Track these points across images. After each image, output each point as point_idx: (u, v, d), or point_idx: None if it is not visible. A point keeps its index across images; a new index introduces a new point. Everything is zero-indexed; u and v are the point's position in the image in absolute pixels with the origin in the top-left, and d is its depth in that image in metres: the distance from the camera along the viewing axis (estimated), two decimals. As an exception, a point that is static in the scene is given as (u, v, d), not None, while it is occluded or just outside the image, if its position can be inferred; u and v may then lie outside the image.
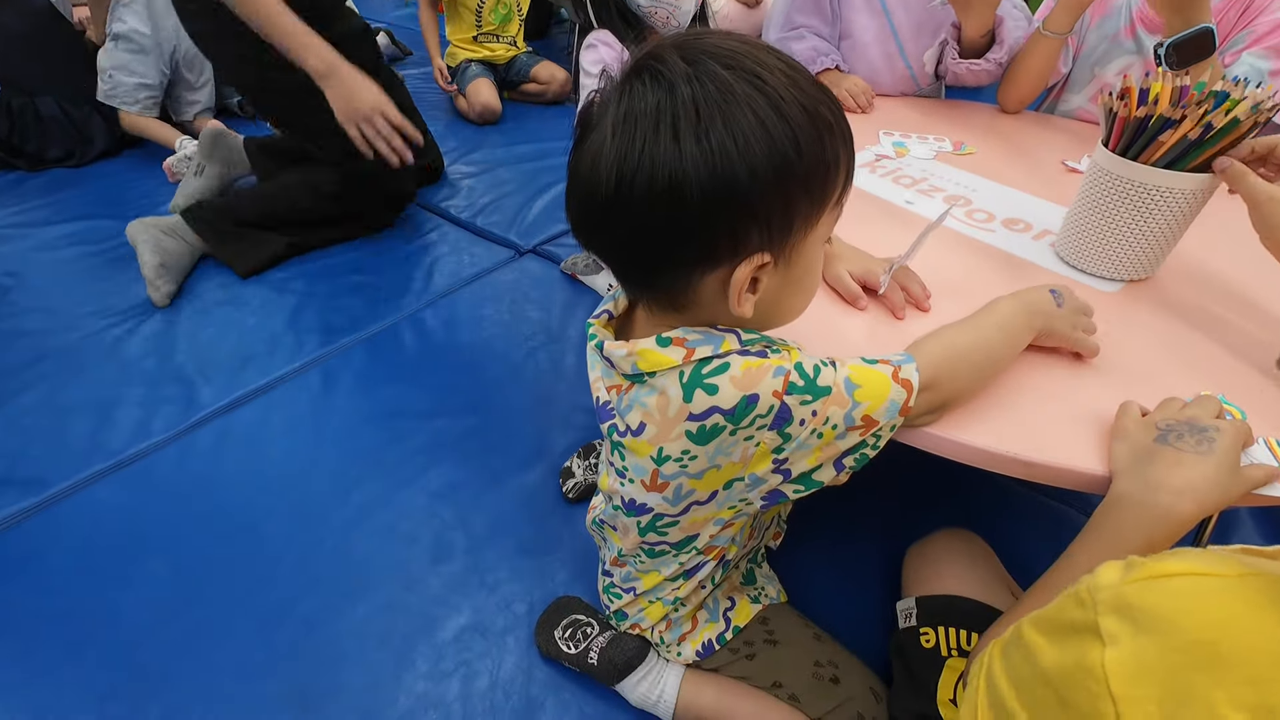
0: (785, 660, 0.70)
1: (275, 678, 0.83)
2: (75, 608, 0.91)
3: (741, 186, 0.42)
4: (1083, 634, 0.33)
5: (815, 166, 0.44)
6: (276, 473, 1.10)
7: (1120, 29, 1.16)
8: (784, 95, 0.42)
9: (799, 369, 0.48)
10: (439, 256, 1.67)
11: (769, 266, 0.46)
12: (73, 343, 1.38)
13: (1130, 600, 0.32)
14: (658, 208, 0.42)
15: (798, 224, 0.46)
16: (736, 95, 0.41)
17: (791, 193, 0.44)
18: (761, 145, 0.41)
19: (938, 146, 1.13)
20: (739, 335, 0.50)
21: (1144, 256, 0.76)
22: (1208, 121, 0.65)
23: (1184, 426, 0.51)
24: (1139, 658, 0.31)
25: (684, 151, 0.41)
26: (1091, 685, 0.32)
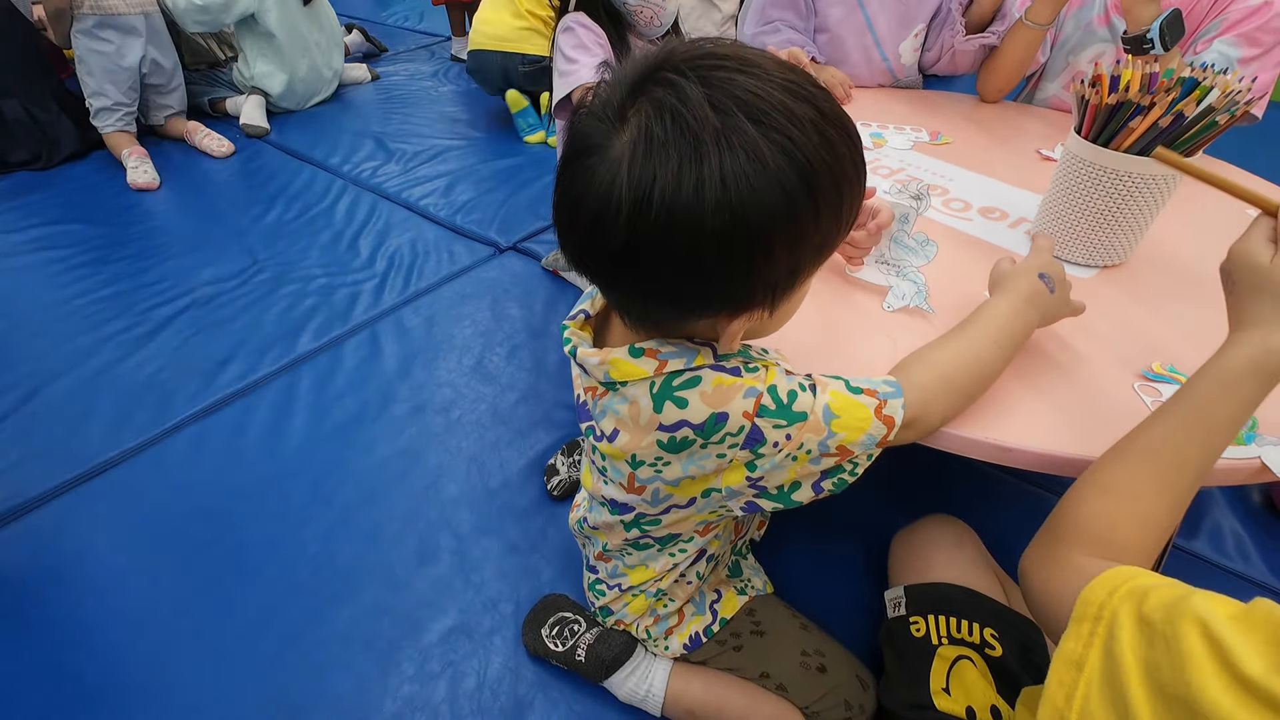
0: (773, 651, 0.70)
1: (258, 686, 0.81)
2: (49, 620, 0.89)
3: (759, 256, 0.40)
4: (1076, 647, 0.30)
5: (830, 229, 0.42)
6: (255, 477, 1.08)
7: (1094, 17, 1.17)
8: (813, 158, 0.38)
9: (772, 392, 0.46)
10: (419, 255, 1.65)
11: (763, 313, 0.45)
12: (41, 350, 1.35)
13: (1153, 615, 0.28)
14: (669, 256, 0.39)
15: (800, 279, 0.45)
16: (766, 160, 0.36)
17: (803, 257, 0.42)
18: (781, 221, 0.38)
19: (915, 137, 1.13)
20: (714, 349, 0.49)
21: (1117, 242, 0.77)
22: (1179, 110, 0.65)
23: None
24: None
25: (705, 207, 0.37)
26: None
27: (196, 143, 2.20)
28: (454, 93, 2.66)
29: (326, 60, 2.53)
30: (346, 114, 2.49)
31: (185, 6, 2.14)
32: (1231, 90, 0.67)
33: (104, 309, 1.47)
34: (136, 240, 1.73)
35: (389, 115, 2.46)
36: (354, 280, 1.56)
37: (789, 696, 0.69)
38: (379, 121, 2.41)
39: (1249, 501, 1.06)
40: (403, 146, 2.20)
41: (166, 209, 1.90)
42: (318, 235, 1.74)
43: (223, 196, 1.96)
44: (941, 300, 0.73)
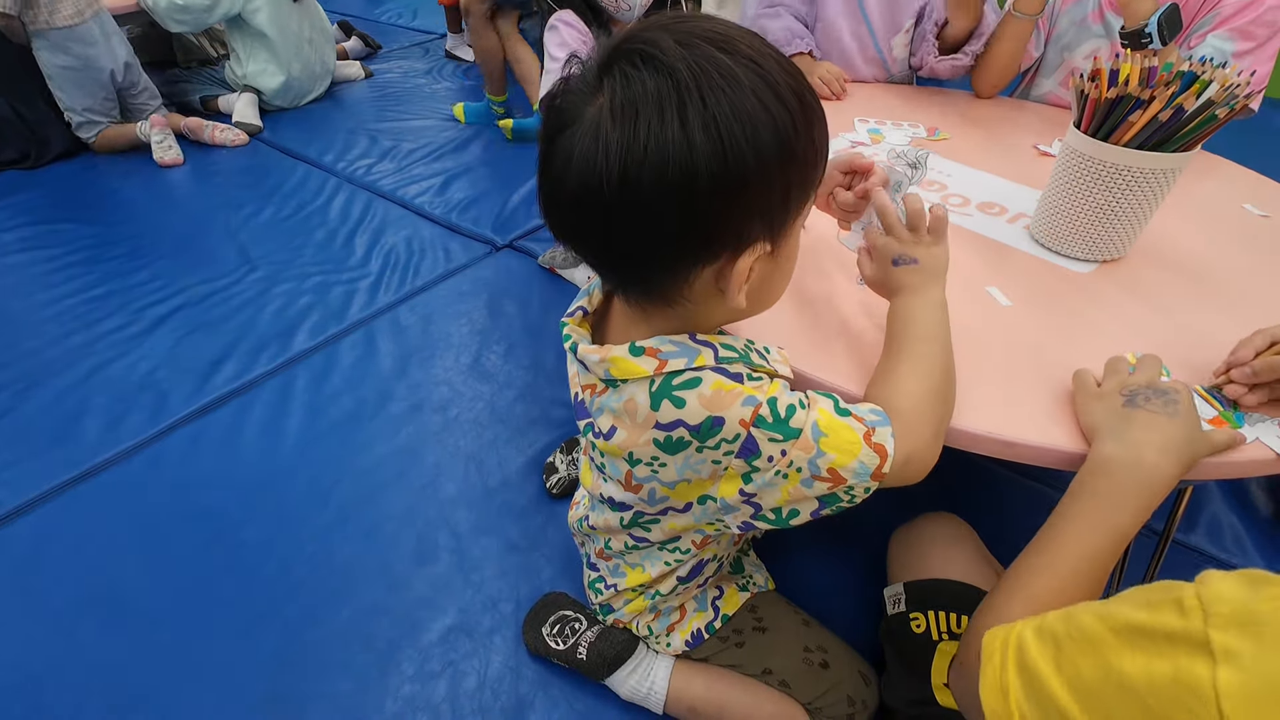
0: (775, 647, 0.70)
1: (257, 686, 0.81)
2: (51, 620, 0.88)
3: (751, 176, 0.40)
4: (1184, 646, 0.31)
5: (808, 150, 0.43)
6: (252, 477, 1.07)
7: (1088, 13, 1.17)
8: (780, 80, 0.40)
9: (772, 405, 0.46)
10: (414, 253, 1.64)
11: (765, 255, 0.45)
12: (34, 349, 1.34)
13: (1262, 617, 0.30)
14: (666, 201, 0.40)
15: (794, 209, 0.45)
16: (740, 80, 0.39)
17: (791, 179, 0.43)
18: (768, 132, 0.40)
19: (912, 133, 1.13)
20: (716, 351, 0.48)
21: (1116, 237, 0.77)
22: (1179, 104, 0.65)
23: (1148, 390, 0.52)
24: (1267, 679, 0.28)
25: (692, 141, 0.38)
26: (1194, 704, 0.30)
27: (206, 137, 2.19)
28: (449, 90, 2.65)
29: (319, 57, 2.51)
30: (340, 112, 2.48)
31: (166, 6, 2.12)
32: (1230, 84, 0.67)
33: (96, 308, 1.45)
34: (128, 239, 1.71)
35: (383, 113, 2.45)
36: (349, 278, 1.56)
37: (791, 693, 0.69)
38: (373, 119, 2.39)
39: (1246, 494, 1.07)
40: (398, 144, 2.18)
41: (158, 208, 1.88)
42: (312, 233, 1.73)
43: (215, 195, 1.95)
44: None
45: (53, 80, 1.99)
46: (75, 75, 1.99)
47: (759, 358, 0.51)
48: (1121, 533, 0.48)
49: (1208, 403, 0.58)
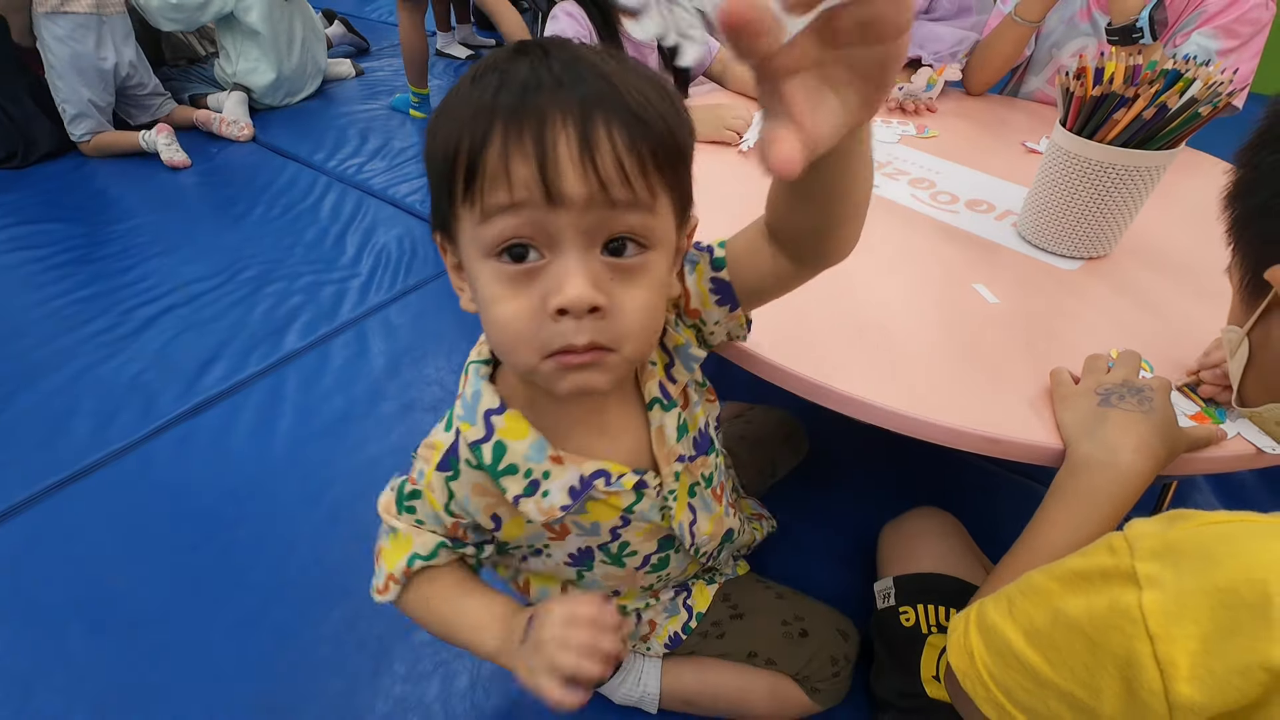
0: (754, 629, 0.71)
1: (248, 687, 0.81)
2: (40, 622, 0.88)
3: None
4: (1115, 579, 0.35)
5: (435, 154, 0.40)
6: (243, 478, 1.07)
7: (1076, 12, 1.18)
8: (459, 93, 0.41)
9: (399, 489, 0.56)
10: (406, 252, 1.64)
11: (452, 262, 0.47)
12: (21, 350, 1.33)
13: (1176, 545, 0.34)
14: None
15: (453, 210, 0.41)
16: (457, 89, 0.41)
17: (432, 177, 0.43)
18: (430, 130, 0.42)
19: (901, 130, 1.13)
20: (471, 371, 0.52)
21: (1101, 234, 0.77)
22: (1162, 102, 0.66)
23: (1123, 388, 0.53)
24: (1181, 598, 0.32)
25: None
26: (1127, 626, 0.33)
27: (216, 129, 2.20)
28: (439, 88, 2.64)
29: (310, 56, 2.50)
30: (330, 110, 2.47)
31: (159, 5, 2.11)
32: (1214, 82, 0.67)
33: (85, 309, 1.44)
34: (117, 239, 1.70)
35: (374, 111, 2.44)
36: (340, 278, 1.55)
37: (779, 668, 0.69)
38: (364, 118, 2.38)
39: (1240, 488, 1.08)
40: (388, 143, 2.18)
41: (147, 207, 1.86)
42: (302, 233, 1.73)
43: (205, 194, 1.94)
44: (928, 295, 0.73)
45: (53, 69, 1.97)
46: (78, 65, 1.97)
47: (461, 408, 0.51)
48: (1101, 529, 0.49)
49: (1190, 399, 0.59)
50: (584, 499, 0.50)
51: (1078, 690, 0.37)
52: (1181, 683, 0.32)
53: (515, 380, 0.50)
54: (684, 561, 0.63)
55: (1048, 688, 0.38)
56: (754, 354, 0.63)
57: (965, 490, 1.03)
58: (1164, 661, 0.32)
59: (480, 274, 0.40)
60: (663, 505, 0.55)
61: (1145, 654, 0.33)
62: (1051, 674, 0.38)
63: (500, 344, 0.42)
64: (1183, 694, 0.32)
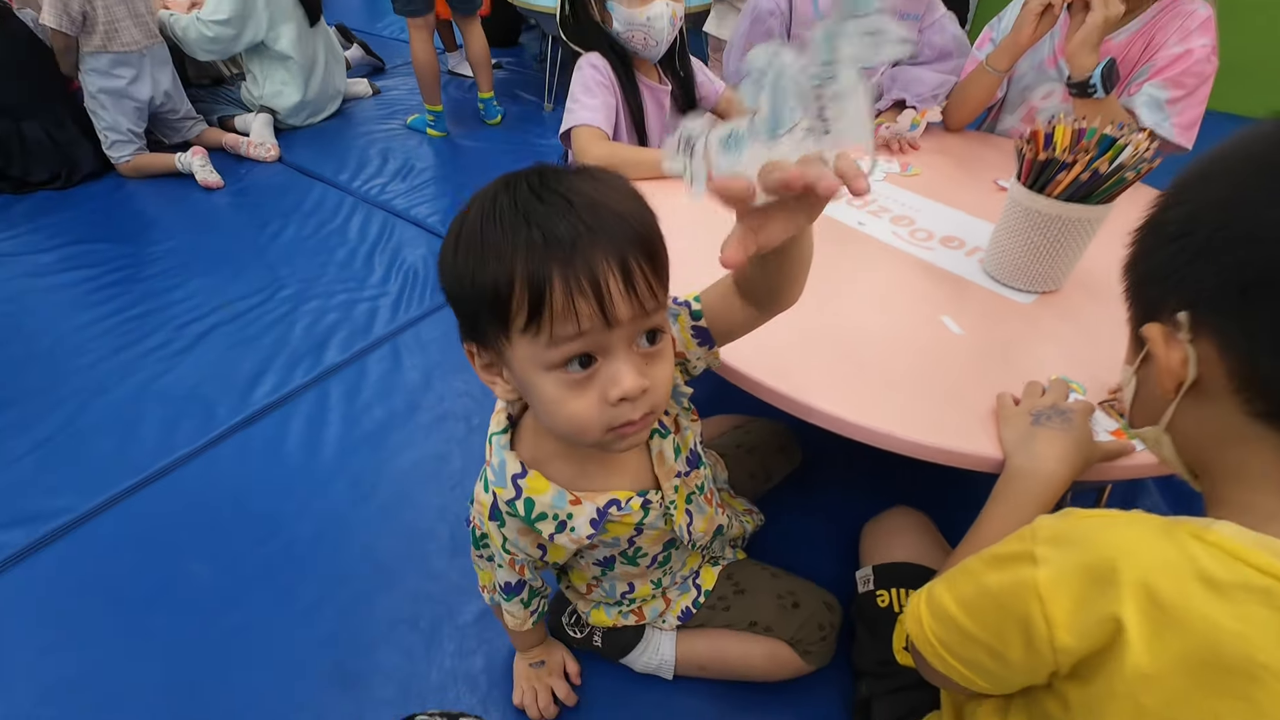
0: (754, 603, 0.84)
1: (318, 661, 0.94)
2: (128, 611, 1.01)
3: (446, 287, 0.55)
4: (1020, 561, 0.47)
5: (456, 287, 0.52)
6: (299, 480, 1.20)
7: (1044, 59, 1.31)
8: (459, 229, 0.52)
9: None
10: (431, 270, 1.77)
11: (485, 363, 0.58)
12: (85, 366, 1.46)
13: (1061, 534, 0.46)
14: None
15: (491, 334, 0.53)
16: (464, 214, 0.53)
17: (457, 307, 0.54)
18: (443, 265, 0.54)
19: (887, 168, 1.26)
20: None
21: (1052, 272, 0.90)
22: (1095, 168, 0.79)
23: (1051, 411, 0.66)
24: (1061, 572, 0.44)
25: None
26: (1026, 595, 0.45)
27: (245, 152, 2.33)
28: (452, 105, 2.76)
29: (331, 79, 2.63)
30: (351, 130, 2.60)
31: (196, 38, 2.25)
32: (1141, 148, 0.80)
33: (140, 325, 1.57)
34: (161, 259, 1.83)
35: (392, 130, 2.57)
36: (372, 295, 1.68)
37: (775, 634, 0.83)
38: (383, 137, 2.51)
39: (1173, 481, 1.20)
40: (409, 163, 2.31)
41: (186, 227, 1.99)
42: (334, 252, 1.86)
43: (239, 214, 2.07)
44: (902, 326, 0.86)
45: (95, 100, 2.12)
46: (116, 99, 2.11)
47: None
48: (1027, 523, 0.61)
49: (1111, 416, 0.72)
50: (604, 525, 0.64)
51: (993, 641, 0.49)
52: (1061, 632, 0.44)
53: (533, 443, 0.64)
54: (684, 555, 0.78)
55: (974, 641, 0.51)
56: (750, 377, 0.76)
57: (935, 491, 1.15)
58: (1049, 618, 0.45)
59: (542, 382, 0.50)
60: (665, 514, 0.69)
61: (1037, 613, 0.45)
62: (976, 631, 0.51)
63: (568, 432, 0.53)
64: (1062, 640, 0.44)
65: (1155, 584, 0.41)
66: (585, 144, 1.14)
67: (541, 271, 0.46)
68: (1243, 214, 0.40)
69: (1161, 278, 0.46)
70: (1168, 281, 0.45)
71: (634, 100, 1.20)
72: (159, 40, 2.19)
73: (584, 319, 0.47)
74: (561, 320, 0.47)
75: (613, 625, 0.85)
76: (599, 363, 0.50)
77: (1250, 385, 0.41)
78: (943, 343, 0.83)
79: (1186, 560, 0.41)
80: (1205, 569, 0.40)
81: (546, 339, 0.48)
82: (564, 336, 0.48)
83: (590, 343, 0.49)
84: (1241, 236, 0.40)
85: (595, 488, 0.64)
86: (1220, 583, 0.40)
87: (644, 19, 1.13)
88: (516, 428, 0.66)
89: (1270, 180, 0.40)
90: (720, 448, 1.02)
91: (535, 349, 0.49)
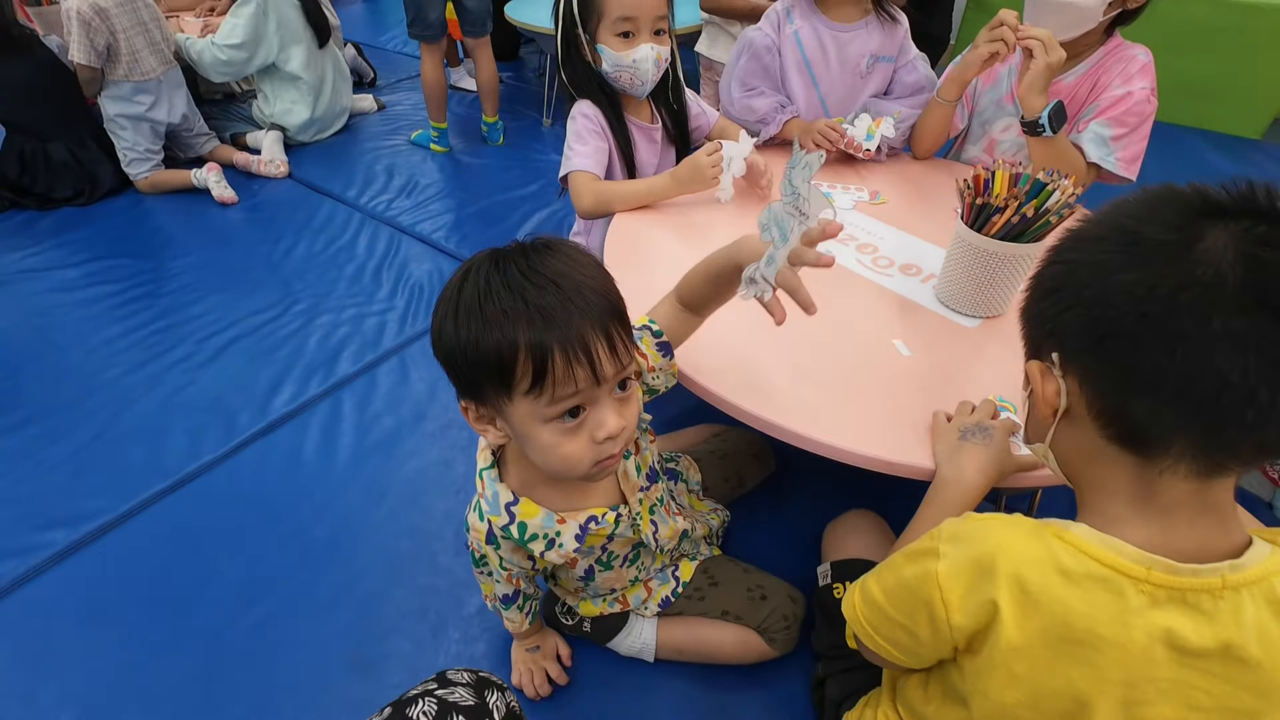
0: (726, 594, 0.96)
1: (339, 648, 1.04)
2: (164, 604, 1.11)
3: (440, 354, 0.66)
4: (927, 556, 0.58)
5: (455, 359, 0.62)
6: (316, 484, 1.31)
7: (1002, 95, 1.41)
8: (464, 303, 0.61)
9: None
10: (436, 286, 1.88)
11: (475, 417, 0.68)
12: (115, 378, 1.56)
13: (957, 532, 0.57)
14: None
15: (488, 397, 0.64)
16: (451, 290, 0.63)
17: (454, 373, 0.65)
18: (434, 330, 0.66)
19: (857, 196, 1.37)
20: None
21: (993, 300, 1.01)
22: (1023, 213, 0.90)
23: (975, 428, 0.77)
24: (956, 564, 0.54)
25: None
26: (928, 583, 0.56)
27: (256, 169, 2.44)
28: (455, 121, 2.87)
29: (338, 98, 2.74)
30: (357, 146, 2.70)
31: (210, 61, 2.36)
32: (1066, 194, 0.91)
33: (163, 339, 1.68)
34: (181, 274, 1.94)
35: (397, 146, 2.68)
36: (380, 309, 1.79)
37: (744, 622, 0.94)
38: (388, 153, 2.62)
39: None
40: (413, 180, 2.41)
41: (202, 243, 2.10)
42: (343, 268, 1.96)
43: (252, 230, 2.18)
44: (858, 348, 0.96)
45: (114, 122, 2.24)
46: (135, 122, 2.23)
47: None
48: None
49: None
50: (585, 539, 0.77)
51: (907, 622, 0.60)
52: (955, 613, 0.55)
53: (518, 473, 0.76)
54: (651, 555, 0.91)
55: (893, 623, 0.62)
56: (719, 395, 0.86)
57: (890, 496, 1.24)
58: (946, 603, 0.55)
59: (540, 433, 0.62)
60: (634, 524, 0.81)
61: (937, 598, 0.56)
62: (895, 614, 0.61)
63: (560, 469, 0.65)
64: (956, 620, 0.55)
65: (1024, 574, 0.52)
66: (579, 188, 1.25)
67: (544, 345, 0.57)
68: (1099, 278, 0.49)
69: (1041, 323, 0.56)
70: (1045, 327, 0.55)
71: (623, 141, 1.30)
72: (174, 65, 2.30)
73: (580, 381, 0.58)
74: (562, 384, 0.58)
75: (600, 613, 0.95)
76: (586, 411, 0.62)
77: (1103, 415, 0.51)
78: (891, 365, 0.94)
79: (1049, 555, 0.52)
80: (1062, 562, 0.51)
81: (548, 399, 0.59)
82: (563, 396, 0.59)
83: (583, 398, 0.60)
84: (1096, 298, 0.49)
85: (575, 507, 0.77)
86: (1072, 573, 0.51)
87: (630, 61, 1.23)
88: (500, 461, 0.78)
89: (1124, 250, 0.48)
90: (696, 454, 1.13)
91: (536, 407, 0.60)
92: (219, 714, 0.98)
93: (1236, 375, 0.43)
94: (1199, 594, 0.48)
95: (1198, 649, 0.48)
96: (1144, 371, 0.46)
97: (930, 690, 0.67)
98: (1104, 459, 0.53)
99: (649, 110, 1.38)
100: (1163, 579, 0.48)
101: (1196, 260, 0.44)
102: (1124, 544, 0.49)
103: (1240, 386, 0.43)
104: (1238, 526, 0.51)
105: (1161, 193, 0.49)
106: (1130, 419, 0.49)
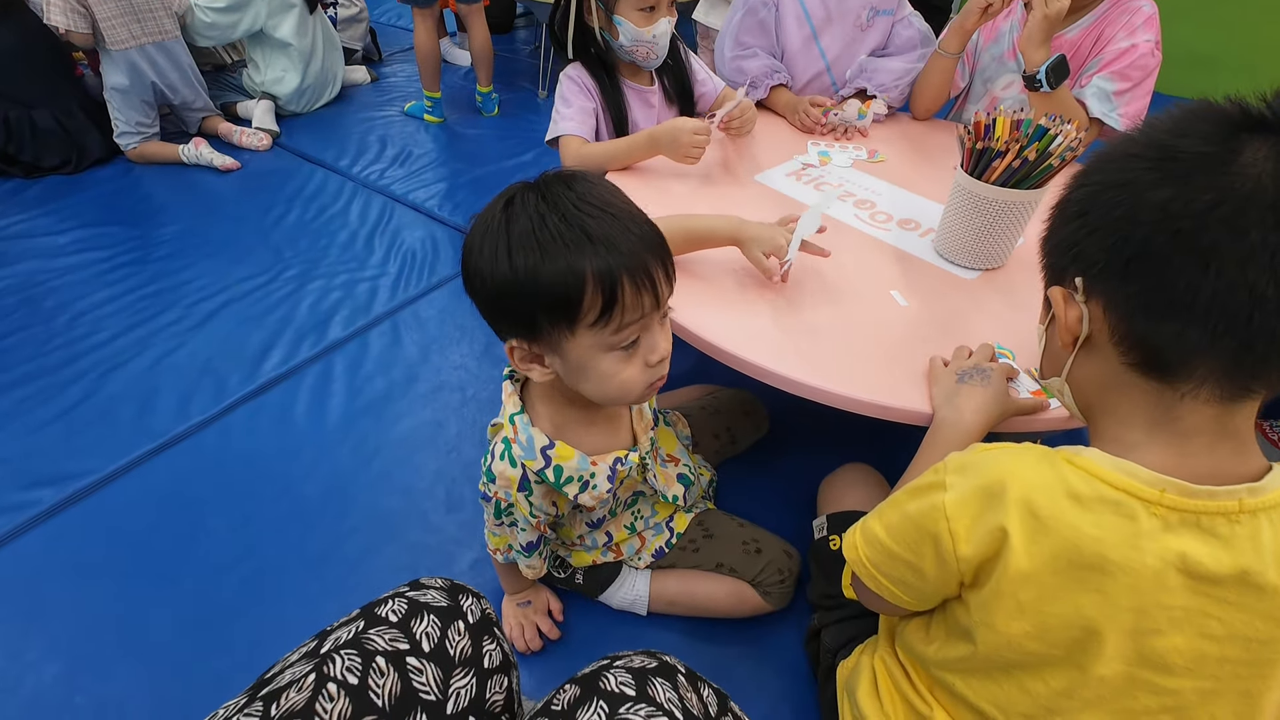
0: (721, 546, 0.94)
1: (333, 604, 1.03)
2: (154, 559, 1.10)
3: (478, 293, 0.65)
4: (933, 489, 0.56)
5: (509, 289, 0.61)
6: (306, 445, 1.29)
7: (1004, 52, 1.39)
8: (513, 240, 0.60)
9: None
10: (428, 253, 1.85)
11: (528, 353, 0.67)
12: (102, 341, 1.54)
13: (965, 464, 0.55)
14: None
15: (543, 330, 0.64)
16: (487, 224, 0.63)
17: (504, 309, 0.65)
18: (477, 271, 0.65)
19: (855, 155, 1.35)
20: None
21: (994, 250, 0.99)
22: (1025, 156, 0.88)
23: (973, 370, 0.75)
24: (963, 495, 0.52)
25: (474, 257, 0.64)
26: (935, 514, 0.54)
27: (237, 141, 2.40)
28: (448, 92, 2.83)
29: (329, 65, 2.69)
30: (350, 116, 2.66)
31: (193, 23, 2.31)
32: (1071, 138, 0.89)
33: (153, 303, 1.66)
34: (170, 240, 1.91)
35: (390, 117, 2.64)
36: (372, 276, 1.76)
37: (739, 575, 0.93)
38: (381, 123, 2.58)
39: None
40: (406, 149, 2.38)
41: (191, 211, 2.07)
42: (335, 235, 1.94)
43: (243, 199, 2.14)
44: (856, 299, 0.95)
45: (112, 91, 2.19)
46: (120, 94, 2.18)
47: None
48: None
49: (1033, 378, 0.81)
50: (616, 478, 0.77)
51: (911, 557, 0.58)
52: (962, 544, 0.53)
53: (549, 418, 0.75)
54: (650, 502, 0.90)
55: (897, 559, 0.60)
56: (718, 346, 0.85)
57: (886, 450, 1.23)
58: (954, 533, 0.53)
59: (601, 360, 0.62)
60: (642, 464, 0.81)
61: (944, 530, 0.54)
62: (899, 550, 0.59)
63: (616, 396, 0.66)
64: (963, 551, 0.53)
65: (1034, 499, 0.50)
66: (565, 150, 1.26)
67: (613, 274, 0.57)
68: (1129, 196, 0.46)
69: (1065, 249, 0.53)
70: (1069, 252, 0.52)
71: (614, 103, 1.28)
72: (162, 37, 2.23)
73: (647, 308, 0.61)
74: (631, 310, 0.59)
75: (593, 563, 0.94)
76: (640, 337, 0.63)
77: (1126, 340, 0.49)
78: (888, 314, 0.92)
79: (1059, 480, 0.50)
80: (1073, 486, 0.50)
81: (615, 327, 0.60)
82: (629, 323, 0.60)
83: (645, 324, 0.62)
84: (1126, 217, 0.47)
85: (601, 449, 0.76)
86: (1083, 496, 0.49)
87: (650, 36, 1.21)
88: (526, 406, 0.75)
89: (1157, 167, 0.45)
90: (686, 409, 1.11)
91: (601, 337, 0.60)
92: (207, 667, 0.97)
93: (1272, 289, 0.41)
94: (1214, 517, 0.46)
95: (1213, 575, 0.46)
96: (1173, 291, 0.44)
97: (933, 630, 0.66)
98: (1122, 387, 0.51)
99: (649, 75, 1.35)
100: (1176, 501, 0.46)
101: (1235, 173, 0.42)
102: (1138, 467, 0.48)
103: (1275, 300, 0.42)
104: (1256, 454, 0.49)
105: (1197, 108, 0.46)
106: (1154, 343, 0.47)
